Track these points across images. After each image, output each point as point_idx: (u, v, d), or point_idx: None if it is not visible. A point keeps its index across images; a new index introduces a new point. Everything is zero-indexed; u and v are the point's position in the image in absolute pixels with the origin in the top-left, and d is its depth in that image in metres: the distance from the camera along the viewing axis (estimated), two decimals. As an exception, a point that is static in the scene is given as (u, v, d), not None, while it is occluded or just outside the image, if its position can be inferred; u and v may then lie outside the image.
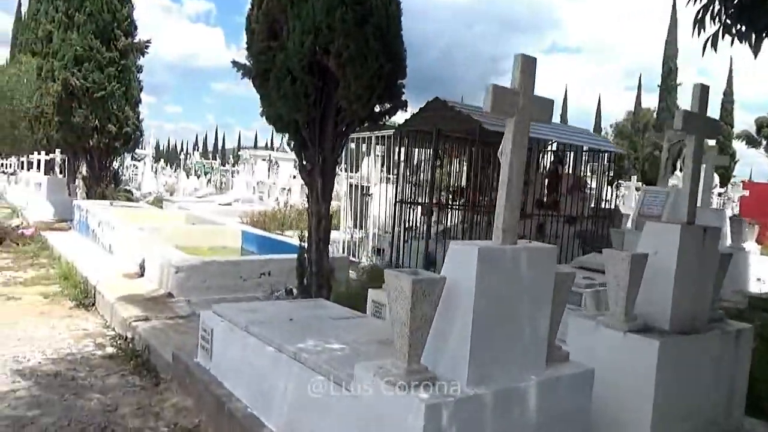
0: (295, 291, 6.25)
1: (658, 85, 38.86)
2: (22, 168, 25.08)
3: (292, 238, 9.69)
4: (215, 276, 5.76)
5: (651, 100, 41.82)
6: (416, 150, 7.90)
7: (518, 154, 2.20)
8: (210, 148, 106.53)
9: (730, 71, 39.10)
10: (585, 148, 7.41)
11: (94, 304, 5.92)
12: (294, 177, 25.62)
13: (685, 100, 34.73)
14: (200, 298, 5.62)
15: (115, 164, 14.50)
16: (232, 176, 24.06)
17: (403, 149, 7.35)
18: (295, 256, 6.36)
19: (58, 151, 16.13)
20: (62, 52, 13.23)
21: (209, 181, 22.75)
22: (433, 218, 8.11)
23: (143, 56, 14.43)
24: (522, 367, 2.27)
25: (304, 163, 4.72)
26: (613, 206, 8.89)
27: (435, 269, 6.96)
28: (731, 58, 38.10)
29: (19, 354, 4.36)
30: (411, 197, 7.70)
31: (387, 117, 4.76)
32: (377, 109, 4.67)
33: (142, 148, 20.68)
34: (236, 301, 5.71)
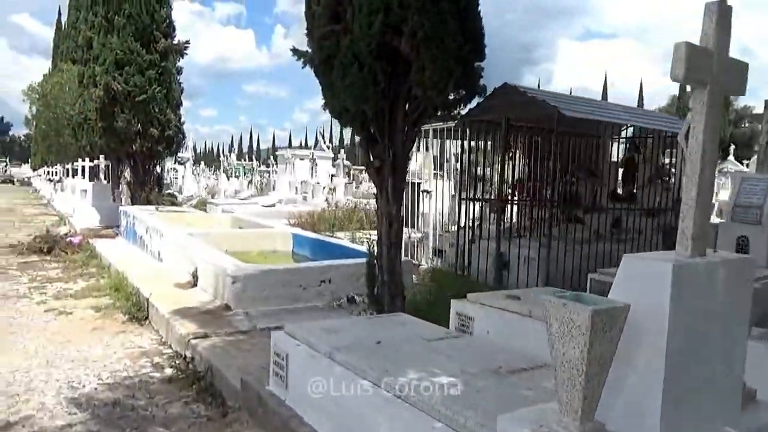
0: (357, 299, 5.80)
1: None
2: (68, 175, 25.46)
3: (343, 240, 9.27)
4: (274, 285, 5.35)
5: (699, 83, 39.80)
6: (475, 142, 7.33)
7: (712, 137, 1.66)
8: (245, 149, 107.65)
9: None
10: (666, 133, 6.70)
11: (147, 318, 5.58)
12: (333, 176, 25.34)
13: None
14: (259, 310, 5.22)
15: (158, 168, 14.32)
16: (271, 177, 23.90)
17: (462, 142, 6.81)
18: (355, 261, 5.92)
19: (102, 156, 16.13)
20: (103, 57, 13.11)
21: (250, 182, 22.62)
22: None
23: (182, 58, 14.23)
24: (716, 415, 1.73)
25: (372, 159, 4.23)
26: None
27: (508, 272, 6.41)
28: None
29: (73, 378, 4.01)
30: (472, 193, 7.15)
31: (462, 105, 4.24)
32: (451, 96, 4.15)
33: (183, 152, 20.64)
34: (296, 312, 5.30)
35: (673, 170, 7.25)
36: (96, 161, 16.58)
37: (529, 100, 5.53)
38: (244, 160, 48.74)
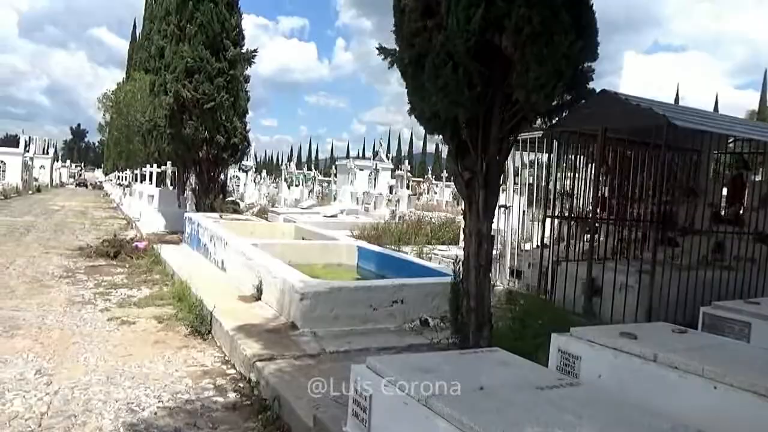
0: (431, 322, 5.35)
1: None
2: (136, 180, 26.30)
3: (408, 254, 8.84)
4: (344, 304, 4.96)
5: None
6: (556, 154, 6.76)
7: None
8: (304, 158, 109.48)
9: None
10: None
11: (210, 332, 5.31)
12: (392, 187, 25.04)
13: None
14: (327, 330, 4.84)
15: (223, 176, 14.37)
16: (331, 186, 23.82)
17: (549, 154, 6.25)
18: (429, 280, 5.47)
19: (169, 163, 16.39)
20: (174, 65, 13.29)
21: (311, 191, 22.57)
22: (571, 235, 6.94)
23: (250, 66, 14.28)
24: None
25: (462, 171, 3.78)
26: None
27: (600, 300, 5.80)
28: None
29: (133, 399, 3.73)
30: (553, 210, 6.57)
31: (565, 112, 3.74)
32: (554, 102, 3.66)
33: (246, 160, 20.85)
34: (366, 335, 4.89)
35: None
36: (163, 167, 16.87)
37: (632, 109, 4.94)
38: (303, 169, 49.32)
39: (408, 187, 23.48)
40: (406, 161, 19.11)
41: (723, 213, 6.64)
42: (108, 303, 6.48)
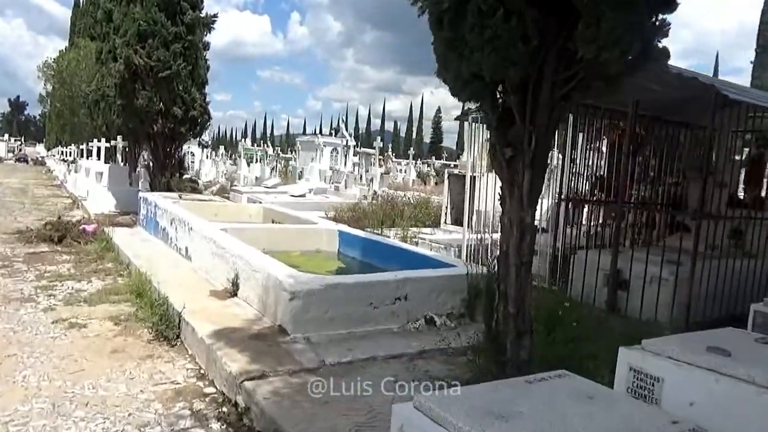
0: (437, 320, 4.68)
1: (751, 62, 35.11)
2: (82, 156, 24.51)
3: (392, 238, 8.14)
4: (341, 303, 4.22)
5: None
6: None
7: None
8: (258, 135, 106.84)
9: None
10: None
11: (178, 337, 4.48)
12: (355, 165, 24.17)
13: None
14: (322, 335, 4.10)
15: (180, 152, 13.24)
16: (295, 164, 22.77)
17: (564, 131, 5.63)
18: (435, 273, 4.78)
19: (119, 137, 15.06)
20: (124, 28, 12.02)
21: (273, 169, 21.48)
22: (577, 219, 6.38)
23: (210, 32, 13.11)
24: None
25: (503, 148, 3.07)
26: None
27: (628, 294, 5.25)
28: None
29: (87, 436, 2.91)
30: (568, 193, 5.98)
31: (631, 73, 3.06)
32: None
33: (205, 135, 19.56)
34: (368, 338, 4.17)
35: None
36: (113, 142, 15.52)
37: (668, 79, 4.32)
38: (260, 146, 47.57)
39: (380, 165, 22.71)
40: (379, 138, 18.23)
41: (742, 196, 6.20)
42: (52, 300, 5.52)
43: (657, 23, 2.88)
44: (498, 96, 3.02)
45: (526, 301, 3.21)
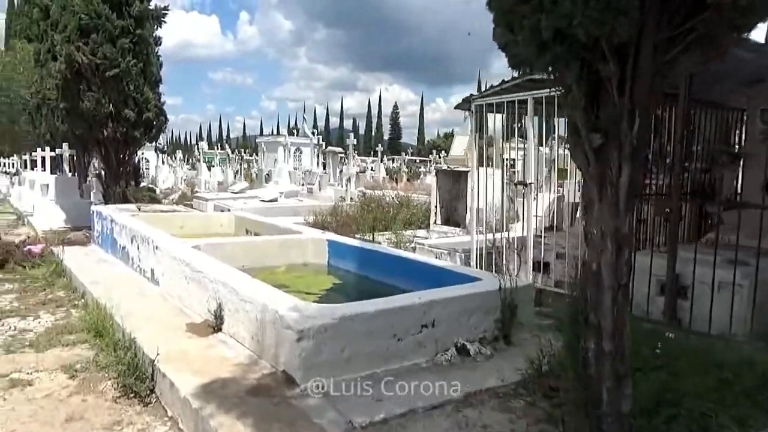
0: (470, 349, 3.90)
1: None
2: (25, 167, 22.73)
3: (383, 244, 7.32)
4: (359, 338, 3.38)
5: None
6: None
7: None
8: (214, 138, 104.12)
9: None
10: None
11: (152, 391, 3.56)
12: (324, 166, 23.14)
13: None
14: (340, 382, 3.24)
15: (135, 158, 12.05)
16: (257, 165, 21.62)
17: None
18: (463, 291, 4.00)
19: (65, 145, 13.71)
20: (63, 23, 10.74)
21: (236, 172, 20.24)
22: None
23: (160, 26, 11.94)
24: None
25: (590, 133, 2.29)
26: None
27: (691, 303, 4.54)
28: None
29: None
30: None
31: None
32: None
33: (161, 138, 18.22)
34: (397, 377, 3.34)
35: None
36: (58, 150, 14.14)
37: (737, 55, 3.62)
38: (215, 149, 45.74)
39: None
40: (351, 135, 17.27)
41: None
42: (-11, 347, 4.49)
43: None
44: (590, 62, 2.23)
45: (625, 334, 2.45)
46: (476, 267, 5.88)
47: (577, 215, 6.61)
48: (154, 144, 17.80)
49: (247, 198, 12.27)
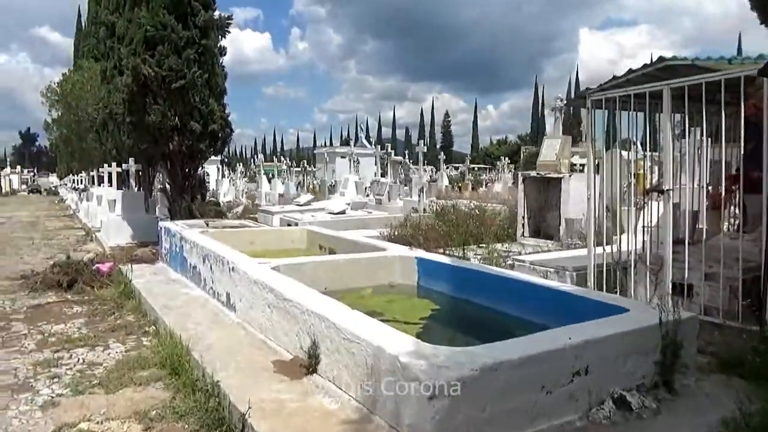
0: (631, 401, 3.08)
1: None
2: (93, 183, 23.21)
3: (476, 262, 6.56)
4: (503, 393, 2.64)
5: None
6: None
7: None
8: (268, 150, 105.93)
9: None
10: None
11: (243, 451, 2.92)
12: (383, 175, 22.51)
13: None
14: (481, 450, 2.50)
15: (200, 171, 11.77)
16: (317, 176, 21.21)
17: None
18: (614, 327, 3.20)
19: (131, 160, 13.62)
20: (129, 36, 10.59)
21: (299, 184, 19.88)
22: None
23: (224, 36, 11.63)
24: None
25: None
26: None
27: None
28: None
29: None
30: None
31: None
32: None
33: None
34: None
35: None
36: (125, 165, 14.09)
37: None
38: (271, 161, 45.99)
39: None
40: (422, 143, 16.55)
41: None
42: (56, 386, 3.99)
43: None
44: None
45: None
46: (595, 289, 5.02)
47: (698, 225, 5.66)
48: (219, 157, 17.67)
49: (313, 210, 11.75)
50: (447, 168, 27.44)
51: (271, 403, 3.09)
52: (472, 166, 31.52)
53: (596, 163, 5.58)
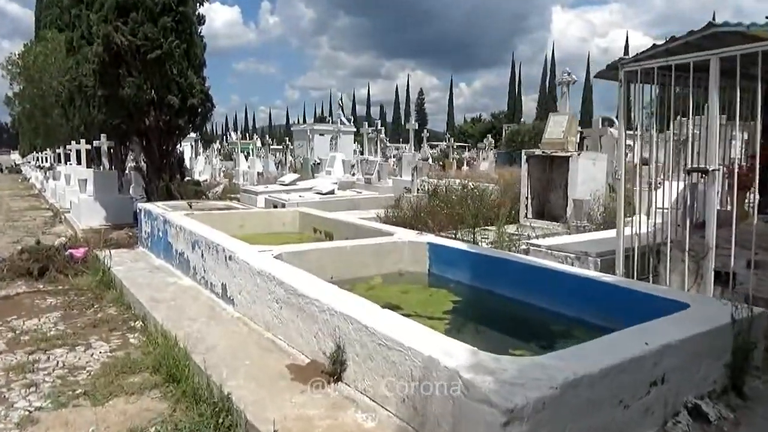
0: (709, 411, 2.72)
1: None
2: (59, 161, 22.08)
3: (485, 246, 6.16)
4: (583, 411, 2.24)
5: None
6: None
7: None
8: (240, 128, 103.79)
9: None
10: None
11: (267, 481, 2.47)
12: (362, 153, 21.94)
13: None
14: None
15: (179, 149, 11.07)
16: (289, 155, 20.51)
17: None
18: (693, 327, 2.82)
19: (103, 137, 12.79)
20: (99, 1, 9.76)
21: (279, 163, 19.17)
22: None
23: (202, 4, 10.87)
24: None
25: None
26: None
27: None
28: None
29: None
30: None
31: None
32: None
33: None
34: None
35: None
36: (96, 143, 13.25)
37: None
38: (247, 138, 44.76)
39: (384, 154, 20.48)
40: (413, 119, 15.98)
41: None
42: (33, 396, 3.46)
43: None
44: None
45: None
46: (624, 277, 4.66)
47: (727, 207, 5.35)
48: (196, 134, 16.85)
49: (300, 190, 11.19)
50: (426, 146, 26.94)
51: (295, 421, 2.63)
52: (455, 144, 31.07)
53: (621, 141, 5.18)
